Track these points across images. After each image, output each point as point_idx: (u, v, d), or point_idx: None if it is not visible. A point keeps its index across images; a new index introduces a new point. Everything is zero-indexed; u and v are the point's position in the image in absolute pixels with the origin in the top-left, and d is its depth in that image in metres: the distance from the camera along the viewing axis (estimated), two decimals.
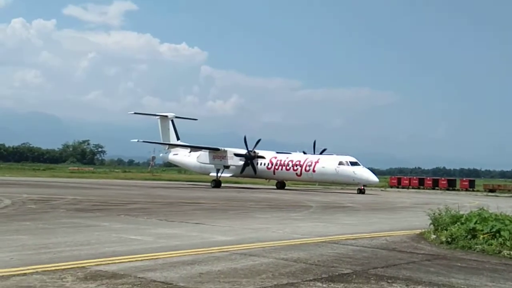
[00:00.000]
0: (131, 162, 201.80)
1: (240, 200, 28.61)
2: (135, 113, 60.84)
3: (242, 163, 49.60)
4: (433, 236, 12.92)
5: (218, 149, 50.30)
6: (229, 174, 51.19)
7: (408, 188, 66.43)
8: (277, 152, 51.68)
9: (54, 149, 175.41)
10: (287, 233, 13.89)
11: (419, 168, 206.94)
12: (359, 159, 46.54)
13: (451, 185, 66.92)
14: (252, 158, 49.61)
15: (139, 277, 7.68)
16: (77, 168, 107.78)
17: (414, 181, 69.66)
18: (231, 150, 50.08)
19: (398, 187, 66.56)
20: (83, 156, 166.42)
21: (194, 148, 52.59)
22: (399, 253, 11.05)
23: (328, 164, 46.01)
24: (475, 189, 65.62)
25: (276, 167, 49.42)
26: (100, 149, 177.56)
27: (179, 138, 57.14)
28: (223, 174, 50.70)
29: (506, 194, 56.82)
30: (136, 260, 9.06)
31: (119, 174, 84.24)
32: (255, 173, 50.37)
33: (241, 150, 50.01)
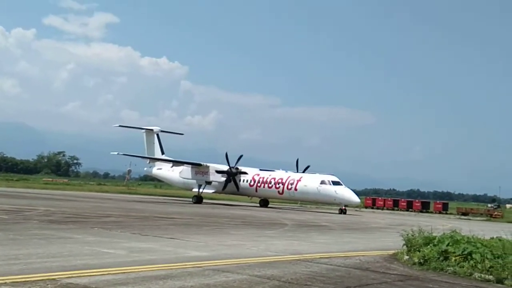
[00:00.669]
0: (106, 175, 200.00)
1: (215, 216, 28.50)
2: (120, 125, 60.06)
3: (224, 179, 48.93)
4: (406, 257, 13.02)
5: (200, 165, 49.65)
6: (211, 190, 50.49)
7: (382, 209, 66.90)
8: (260, 169, 51.14)
9: (29, 159, 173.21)
10: (261, 250, 13.87)
11: (393, 189, 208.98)
12: None
13: (425, 207, 67.60)
14: (234, 175, 48.94)
15: None
16: (51, 179, 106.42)
17: (388, 202, 70.22)
18: (213, 166, 49.40)
19: (372, 208, 67.00)
20: (58, 168, 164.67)
21: (176, 163, 51.78)
22: (372, 273, 11.10)
23: (310, 182, 45.45)
24: (448, 212, 66.36)
25: (259, 184, 48.86)
26: (75, 161, 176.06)
27: (163, 153, 56.49)
28: (206, 190, 50.04)
29: (478, 218, 57.55)
30: (108, 274, 8.96)
31: (94, 186, 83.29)
32: (238, 190, 49.74)
33: (223, 166, 49.36)
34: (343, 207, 43.39)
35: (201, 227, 20.72)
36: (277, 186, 47.55)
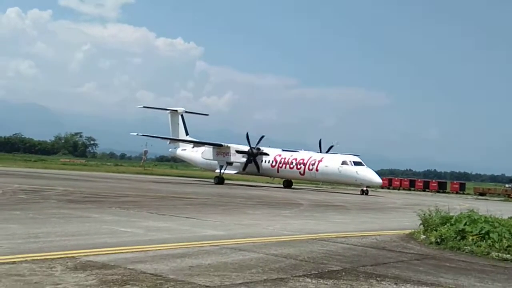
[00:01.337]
0: (123, 156, 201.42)
1: (231, 197, 28.61)
2: (144, 107, 59.99)
3: (244, 160, 48.48)
4: (423, 237, 12.99)
5: (221, 145, 49.19)
6: (233, 171, 50.04)
7: (398, 189, 66.69)
8: (283, 150, 50.60)
9: (46, 140, 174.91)
10: (277, 229, 13.90)
11: (410, 170, 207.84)
12: None
13: (442, 188, 67.26)
14: (254, 155, 48.42)
15: (129, 268, 7.67)
16: (68, 160, 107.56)
17: (405, 183, 69.97)
18: (234, 147, 48.92)
19: (389, 188, 66.79)
20: (75, 148, 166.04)
21: (197, 144, 51.61)
22: (389, 252, 11.09)
23: (331, 163, 44.61)
24: (465, 192, 66.02)
25: (280, 165, 48.21)
26: (92, 142, 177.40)
27: (188, 133, 56.23)
28: (228, 171, 49.61)
29: (495, 198, 57.17)
30: (126, 252, 9.05)
31: (111, 167, 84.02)
32: (259, 171, 49.22)
33: (244, 146, 48.84)
34: (365, 188, 42.49)
35: (217, 207, 20.82)
36: (299, 167, 46.84)
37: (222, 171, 49.30)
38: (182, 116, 57.14)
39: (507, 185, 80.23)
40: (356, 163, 43.50)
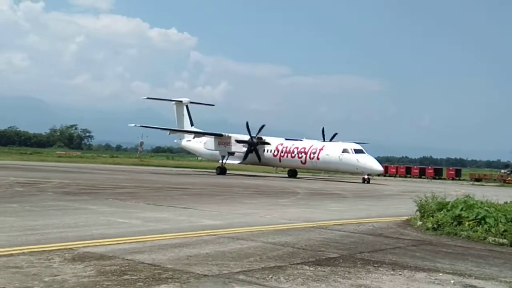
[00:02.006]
0: (119, 148, 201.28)
1: (228, 186, 28.64)
2: (148, 98, 59.66)
3: (245, 149, 47.89)
4: (419, 223, 13.04)
5: (221, 135, 48.76)
6: (235, 161, 49.30)
7: (395, 176, 66.91)
8: (286, 139, 49.84)
9: (41, 133, 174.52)
10: (274, 218, 13.94)
11: (406, 157, 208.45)
12: None
13: (438, 174, 67.51)
14: (255, 145, 47.80)
15: (127, 259, 7.68)
16: (64, 152, 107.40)
17: (401, 170, 70.18)
18: (234, 136, 48.44)
19: (385, 175, 66.91)
20: (70, 141, 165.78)
21: (198, 134, 51.40)
22: (386, 238, 11.14)
23: (332, 151, 43.99)
24: (461, 178, 66.28)
25: (282, 154, 47.54)
26: (87, 134, 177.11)
27: (193, 124, 55.75)
28: (230, 161, 49.07)
29: (491, 183, 57.42)
30: (124, 243, 9.06)
31: (107, 159, 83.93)
32: (260, 160, 48.66)
33: (245, 136, 48.24)
34: (366, 176, 41.97)
35: (214, 197, 20.85)
36: (300, 155, 46.25)
37: (224, 161, 48.74)
38: (187, 106, 56.63)
39: (502, 171, 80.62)
40: (357, 151, 42.94)
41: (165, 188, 24.77)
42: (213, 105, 63.53)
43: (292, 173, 49.83)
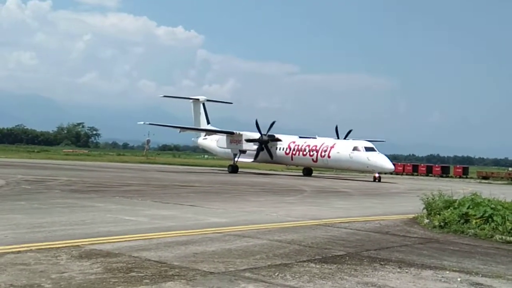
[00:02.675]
0: (125, 145, 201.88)
1: (234, 184, 28.66)
2: (165, 96, 59.59)
3: (256, 147, 47.27)
4: (426, 221, 13.01)
5: (232, 133, 48.21)
6: (248, 159, 48.85)
7: (402, 174, 66.65)
8: (299, 137, 49.26)
9: (49, 131, 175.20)
10: (280, 216, 13.93)
11: (413, 155, 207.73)
12: None
13: (445, 172, 67.21)
14: (266, 142, 47.16)
15: (133, 256, 7.71)
16: (71, 150, 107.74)
17: (408, 168, 69.90)
18: (245, 134, 47.80)
19: (391, 173, 66.69)
20: (77, 139, 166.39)
21: (209, 132, 51.21)
22: (392, 236, 11.11)
23: (342, 149, 43.19)
24: (468, 176, 65.93)
25: (294, 152, 46.95)
26: (94, 132, 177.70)
27: (209, 122, 55.41)
28: (242, 159, 48.69)
29: (499, 181, 57.14)
30: (131, 240, 9.09)
31: (114, 157, 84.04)
32: (271, 158, 48.07)
33: (255, 134, 47.59)
34: (377, 175, 41.25)
35: (220, 195, 20.86)
36: (311, 154, 45.65)
37: (236, 159, 48.35)
38: (203, 104, 56.40)
39: (510, 169, 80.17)
40: (368, 149, 42.19)
41: (171, 185, 24.81)
42: (231, 103, 62.83)
43: (308, 172, 48.79)
